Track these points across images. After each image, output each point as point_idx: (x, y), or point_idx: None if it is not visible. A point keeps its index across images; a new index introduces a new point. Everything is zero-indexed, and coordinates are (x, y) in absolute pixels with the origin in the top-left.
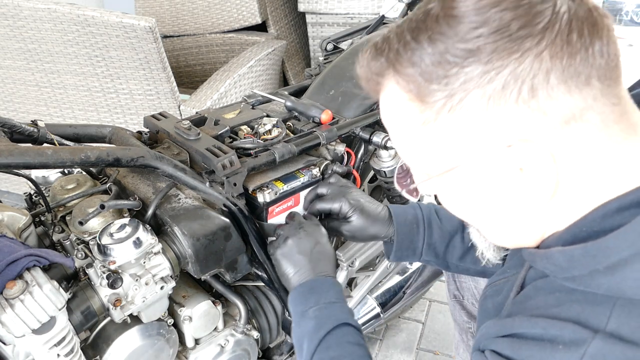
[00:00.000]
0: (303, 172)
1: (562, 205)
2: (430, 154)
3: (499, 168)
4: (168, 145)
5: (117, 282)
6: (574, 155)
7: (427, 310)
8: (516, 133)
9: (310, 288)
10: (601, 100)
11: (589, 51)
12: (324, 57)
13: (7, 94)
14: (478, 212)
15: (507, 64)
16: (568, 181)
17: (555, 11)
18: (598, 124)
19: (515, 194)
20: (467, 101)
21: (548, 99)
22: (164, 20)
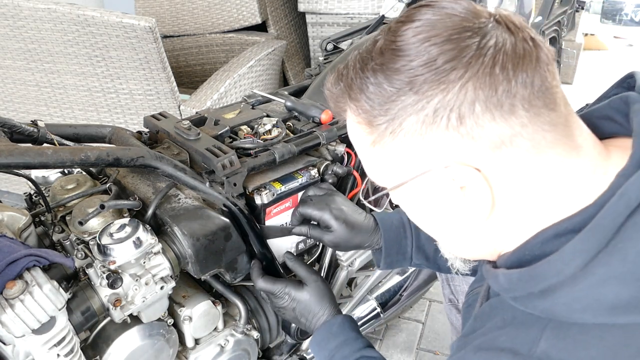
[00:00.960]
0: (301, 172)
1: (507, 225)
2: (382, 170)
3: (442, 186)
4: (168, 145)
5: (117, 282)
6: (509, 178)
7: (427, 310)
8: (451, 155)
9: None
10: (530, 127)
11: (512, 83)
12: (324, 57)
13: (7, 94)
14: (433, 226)
15: (435, 93)
16: (506, 202)
17: (481, 46)
18: (529, 149)
19: (458, 211)
20: (405, 125)
21: (475, 126)
22: (164, 20)
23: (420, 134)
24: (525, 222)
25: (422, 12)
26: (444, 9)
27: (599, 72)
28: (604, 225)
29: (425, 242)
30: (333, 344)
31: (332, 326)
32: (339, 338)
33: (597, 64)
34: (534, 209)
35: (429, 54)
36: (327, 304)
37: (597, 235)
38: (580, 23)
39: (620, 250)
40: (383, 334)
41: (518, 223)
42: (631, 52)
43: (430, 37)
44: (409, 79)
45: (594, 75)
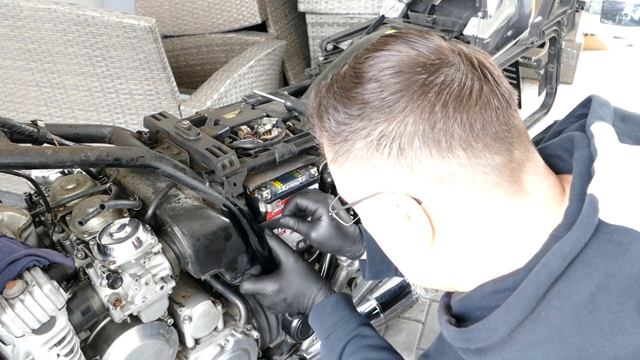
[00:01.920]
0: (301, 171)
1: (451, 262)
2: (341, 186)
3: (389, 211)
4: (168, 145)
5: (117, 282)
6: (448, 214)
7: (427, 310)
8: (395, 183)
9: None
10: (469, 168)
11: (449, 122)
12: (324, 57)
13: (7, 94)
14: (386, 247)
15: (380, 122)
16: (447, 237)
17: (426, 82)
18: (469, 188)
19: (403, 237)
20: (354, 148)
21: (415, 159)
22: (164, 20)
23: (367, 158)
24: (469, 265)
25: (390, 44)
26: (412, 43)
27: (599, 72)
28: (525, 296)
29: None
30: (328, 324)
31: (325, 307)
32: (333, 318)
33: (597, 64)
34: (475, 252)
35: (379, 84)
36: (312, 283)
37: (519, 305)
38: (580, 23)
39: (544, 318)
40: (383, 334)
41: (462, 263)
42: (631, 52)
43: (384, 68)
44: (360, 105)
45: (594, 75)
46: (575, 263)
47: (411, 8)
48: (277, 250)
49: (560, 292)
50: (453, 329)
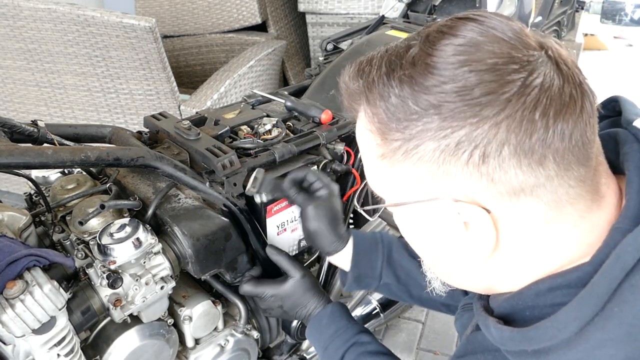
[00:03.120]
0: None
1: (506, 268)
2: (385, 185)
3: (445, 217)
4: (168, 145)
5: (117, 282)
6: (518, 226)
7: (427, 310)
8: (463, 191)
9: (312, 331)
10: (556, 181)
11: (549, 132)
12: (324, 57)
13: (7, 94)
14: (426, 251)
15: (463, 125)
16: (510, 248)
17: (526, 84)
18: (549, 202)
19: (456, 245)
20: (421, 149)
21: (498, 169)
22: (164, 20)
23: (437, 162)
24: (525, 269)
25: (467, 28)
26: (492, 29)
27: (599, 72)
28: (599, 290)
29: (397, 257)
30: (325, 336)
31: (322, 318)
32: (330, 329)
33: (597, 64)
34: (537, 257)
35: (466, 81)
36: (312, 295)
37: (592, 300)
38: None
39: (617, 313)
40: (383, 334)
41: (518, 268)
42: (631, 52)
43: (471, 62)
44: (438, 102)
45: (594, 76)
46: None
47: (411, 8)
48: (284, 264)
49: (634, 286)
50: (509, 330)
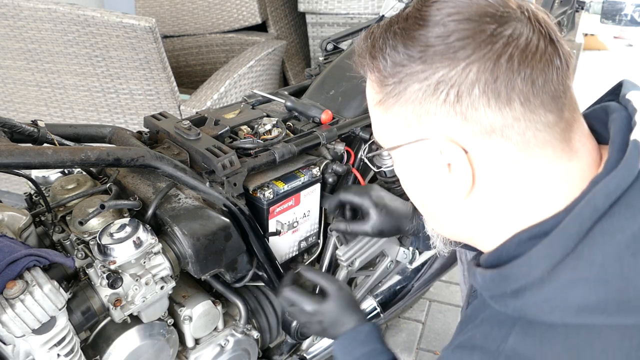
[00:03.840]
0: (303, 171)
1: (484, 214)
2: (383, 131)
3: (430, 158)
4: (168, 145)
5: (117, 282)
6: (492, 166)
7: (427, 310)
8: (444, 130)
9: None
10: (523, 123)
11: (513, 75)
12: (324, 57)
13: (7, 94)
14: (417, 195)
15: (441, 67)
16: (485, 189)
17: (496, 33)
18: (518, 143)
19: (439, 185)
20: (408, 91)
21: (470, 108)
22: (164, 20)
23: (420, 102)
24: (503, 218)
25: None
26: None
27: (599, 72)
28: (569, 231)
29: None
30: (359, 352)
31: (360, 334)
32: (366, 347)
33: (597, 64)
34: (512, 204)
35: (446, 29)
36: (353, 312)
37: (562, 239)
38: (580, 23)
39: (587, 255)
40: (383, 334)
41: (495, 216)
42: (631, 52)
43: (452, 14)
44: (422, 48)
45: (594, 75)
46: (619, 203)
47: None
48: (320, 281)
49: (604, 230)
50: (490, 271)
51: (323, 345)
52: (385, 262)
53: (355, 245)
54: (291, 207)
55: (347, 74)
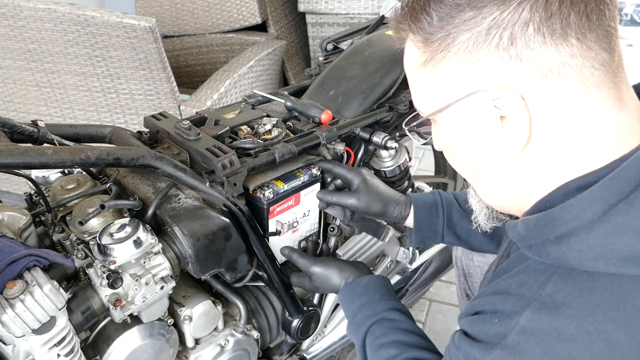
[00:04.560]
0: (303, 171)
1: (537, 168)
2: (428, 94)
3: (482, 112)
4: (168, 145)
5: (117, 282)
6: (550, 111)
7: (427, 310)
8: (497, 79)
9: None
10: (579, 60)
11: (567, 11)
12: (324, 57)
13: (7, 94)
14: (468, 161)
15: (492, 11)
16: (542, 138)
17: None
18: (576, 83)
19: (493, 141)
20: (457, 42)
21: (525, 48)
22: (164, 20)
23: (471, 51)
24: (554, 170)
25: None
26: None
27: None
28: (627, 175)
29: (457, 221)
30: (356, 304)
31: (357, 286)
32: (362, 299)
33: None
34: (565, 154)
35: None
36: (351, 269)
37: (619, 183)
38: None
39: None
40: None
41: (547, 169)
42: (631, 52)
43: None
44: None
45: None
46: None
47: None
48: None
49: None
50: (535, 217)
51: (323, 345)
52: (385, 262)
53: (356, 245)
54: (291, 206)
55: (347, 74)
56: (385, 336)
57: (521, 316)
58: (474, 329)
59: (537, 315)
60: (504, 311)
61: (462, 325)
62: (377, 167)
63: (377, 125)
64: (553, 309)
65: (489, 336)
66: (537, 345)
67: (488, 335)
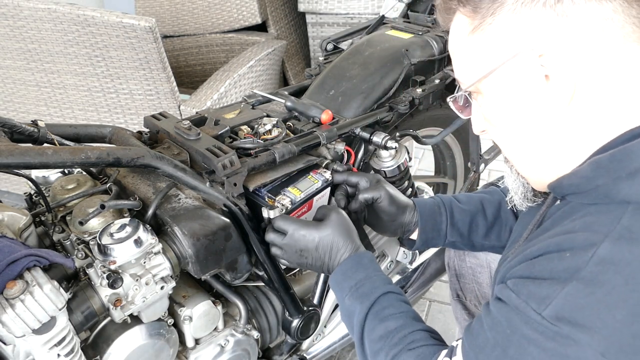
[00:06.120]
0: (315, 176)
1: (580, 130)
2: (474, 61)
3: (527, 73)
4: (168, 145)
5: (117, 282)
6: (594, 66)
7: (427, 310)
8: (542, 36)
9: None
10: (621, 16)
11: None
12: (324, 57)
13: (7, 94)
14: (512, 128)
15: None
16: (586, 95)
17: None
18: (619, 38)
19: (539, 102)
20: (505, 5)
21: (571, 5)
22: (164, 20)
23: (519, 12)
24: (608, 120)
25: None
26: None
27: None
28: None
29: (459, 220)
30: (362, 274)
31: (363, 258)
32: (369, 270)
33: None
34: (616, 105)
35: None
36: (354, 238)
37: None
38: None
39: None
40: None
41: (599, 119)
42: None
43: None
44: None
45: None
46: None
47: (411, 8)
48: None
49: None
50: (607, 154)
51: (323, 345)
52: (385, 262)
53: None
54: (304, 213)
55: (347, 74)
56: (394, 307)
57: (599, 247)
58: (535, 271)
59: (617, 246)
60: (574, 247)
61: (514, 274)
62: (377, 167)
63: (377, 125)
64: (633, 240)
65: (558, 272)
66: (618, 274)
67: (556, 272)
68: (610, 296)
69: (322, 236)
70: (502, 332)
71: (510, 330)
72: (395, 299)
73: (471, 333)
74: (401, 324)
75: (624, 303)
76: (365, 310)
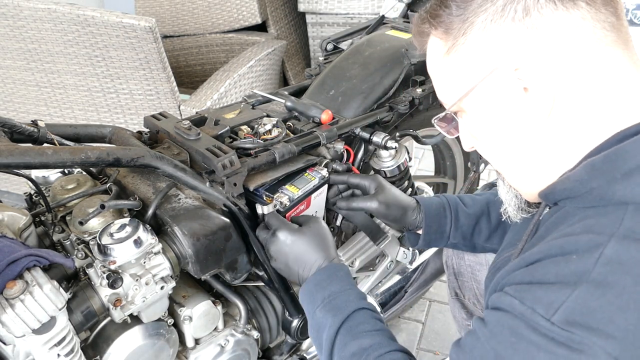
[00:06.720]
0: (312, 173)
1: (566, 133)
2: (452, 81)
3: (506, 88)
4: (168, 145)
5: (117, 282)
6: (569, 73)
7: (427, 310)
8: (515, 50)
9: (318, 281)
10: (590, 22)
11: None
12: (324, 57)
13: (7, 94)
14: (497, 142)
15: None
16: (567, 101)
17: None
18: (593, 43)
19: (519, 115)
20: (476, 24)
21: (539, 17)
22: (164, 20)
23: (489, 30)
24: (585, 131)
25: None
26: None
27: None
28: None
29: (464, 223)
30: (337, 287)
31: (339, 271)
32: (344, 282)
33: None
34: (592, 115)
35: None
36: (329, 249)
37: None
38: None
39: None
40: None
41: (578, 130)
42: None
43: None
44: None
45: None
46: None
47: (411, 8)
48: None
49: None
50: (601, 155)
51: None
52: (385, 262)
53: (356, 245)
54: (302, 210)
55: (347, 74)
56: (369, 324)
57: (605, 247)
58: (539, 275)
59: (623, 246)
60: (578, 249)
61: (513, 280)
62: (377, 167)
63: (377, 125)
64: (638, 240)
65: (566, 276)
66: (627, 274)
67: (563, 275)
68: (621, 298)
69: (297, 242)
70: (505, 342)
71: (516, 338)
72: (371, 316)
73: (462, 349)
74: (377, 342)
75: (635, 304)
76: (338, 324)
